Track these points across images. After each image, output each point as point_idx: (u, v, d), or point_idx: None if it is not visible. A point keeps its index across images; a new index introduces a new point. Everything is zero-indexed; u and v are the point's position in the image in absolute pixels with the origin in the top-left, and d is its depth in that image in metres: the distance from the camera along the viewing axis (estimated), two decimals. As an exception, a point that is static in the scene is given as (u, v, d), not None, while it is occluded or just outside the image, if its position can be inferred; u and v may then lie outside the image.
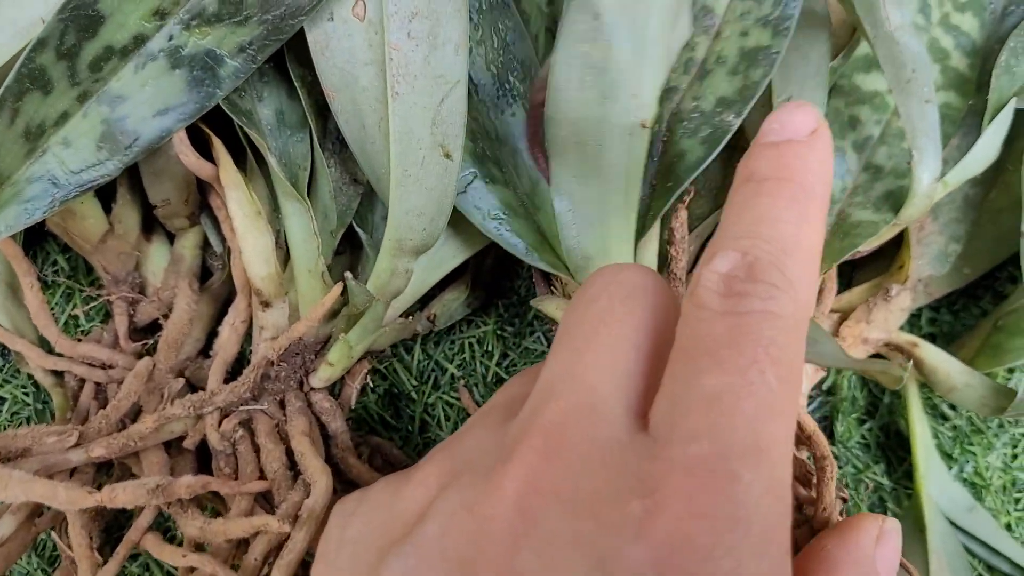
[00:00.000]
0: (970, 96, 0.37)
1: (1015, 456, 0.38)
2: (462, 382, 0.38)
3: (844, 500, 0.28)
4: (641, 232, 0.32)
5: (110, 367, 0.33)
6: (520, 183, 0.33)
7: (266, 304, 0.32)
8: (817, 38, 0.33)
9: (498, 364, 0.38)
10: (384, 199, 0.30)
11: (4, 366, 0.38)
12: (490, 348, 0.38)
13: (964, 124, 0.37)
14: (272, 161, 0.31)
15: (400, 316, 0.34)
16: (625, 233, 0.31)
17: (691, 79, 0.32)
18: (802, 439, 0.29)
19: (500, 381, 0.38)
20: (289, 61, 0.31)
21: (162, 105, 0.29)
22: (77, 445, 0.29)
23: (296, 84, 0.31)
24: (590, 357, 0.20)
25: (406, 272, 0.31)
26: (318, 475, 0.29)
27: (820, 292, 0.34)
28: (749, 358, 0.18)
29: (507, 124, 0.33)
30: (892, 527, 0.24)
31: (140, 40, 0.29)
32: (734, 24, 0.31)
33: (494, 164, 0.33)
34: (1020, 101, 0.34)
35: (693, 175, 0.30)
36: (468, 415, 0.37)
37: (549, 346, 0.38)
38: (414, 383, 0.38)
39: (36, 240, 0.39)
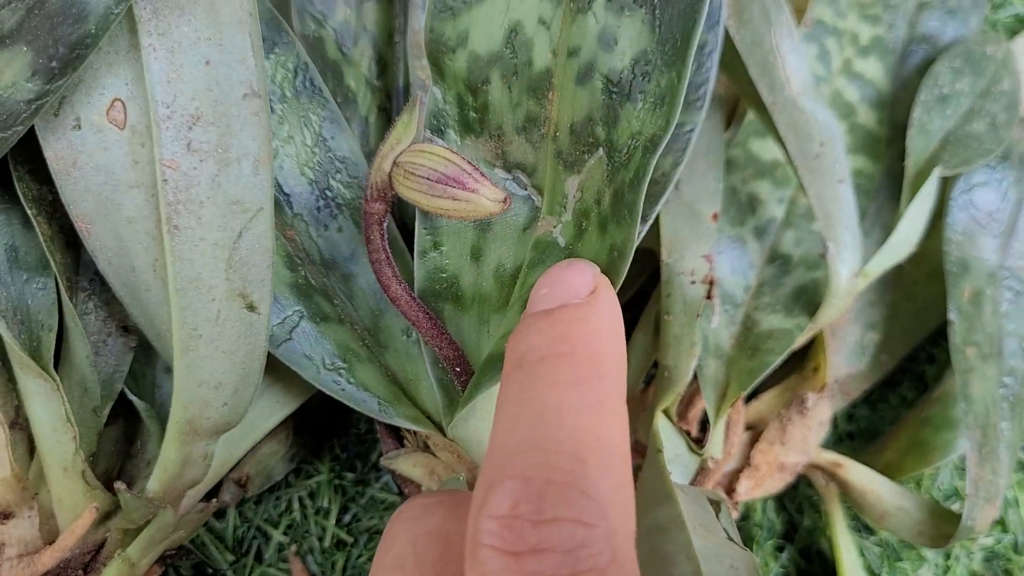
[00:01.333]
0: (882, 157, 0.32)
1: (948, 568, 0.33)
2: (292, 549, 0.29)
3: None
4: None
5: None
6: (358, 316, 0.25)
7: (6, 515, 0.23)
8: (714, 117, 0.26)
9: (338, 522, 0.30)
10: (168, 361, 0.22)
11: None
12: (326, 503, 0.30)
13: (879, 192, 0.32)
14: (0, 325, 0.21)
15: (201, 501, 0.26)
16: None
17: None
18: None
19: (341, 544, 0.30)
20: (18, 180, 0.22)
21: None
22: None
23: (29, 212, 0.22)
24: None
25: (204, 458, 0.23)
26: None
27: (727, 432, 0.27)
28: None
29: (334, 243, 0.25)
30: None
31: None
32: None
33: (322, 297, 0.24)
34: (943, 169, 0.29)
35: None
36: (303, 590, 0.29)
37: (400, 494, 0.30)
38: (231, 558, 0.29)
39: None
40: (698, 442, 0.27)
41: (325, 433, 0.30)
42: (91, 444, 0.23)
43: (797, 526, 0.32)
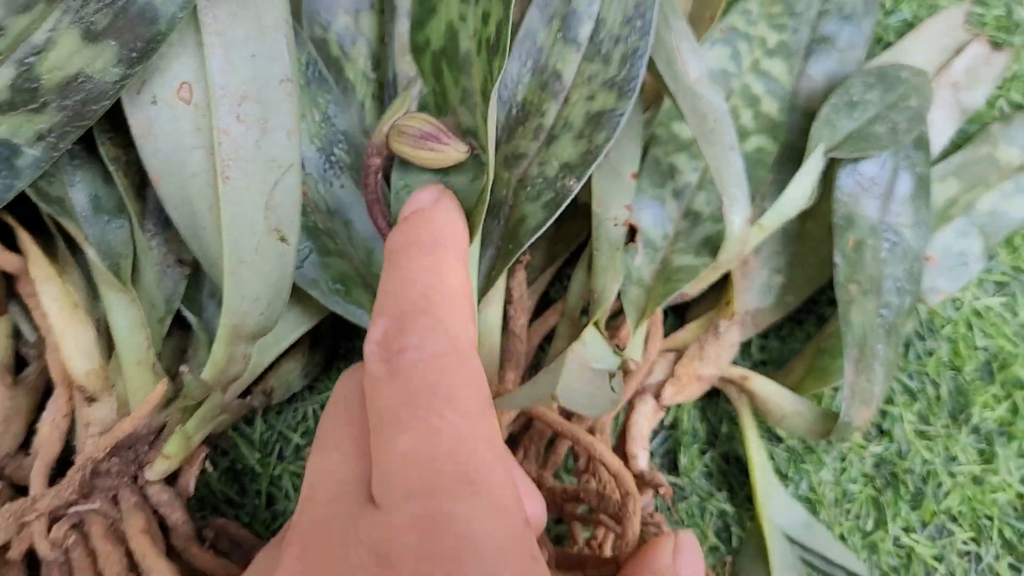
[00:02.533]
0: (781, 139, 0.39)
1: (844, 470, 0.40)
2: (308, 451, 0.36)
3: (657, 527, 0.29)
4: (484, 291, 0.32)
5: None
6: (355, 252, 0.32)
7: (91, 399, 0.30)
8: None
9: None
10: (218, 283, 0.29)
11: None
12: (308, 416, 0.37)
13: (778, 166, 0.39)
14: (90, 251, 0.29)
15: (239, 397, 0.33)
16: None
17: (539, 145, 0.32)
18: (610, 475, 0.29)
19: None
20: (101, 144, 0.29)
21: None
22: None
23: (111, 168, 0.29)
24: (334, 455, 0.22)
25: (244, 357, 0.30)
26: (158, 569, 0.27)
27: (646, 336, 0.35)
28: (425, 408, 0.20)
29: (337, 196, 0.32)
30: (686, 539, 0.26)
31: None
32: (582, 88, 0.32)
33: (328, 236, 0.32)
34: (829, 150, 0.37)
35: (532, 238, 0.30)
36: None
37: (396, 406, 0.37)
38: (257, 456, 0.36)
39: None
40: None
41: (333, 355, 0.37)
42: (157, 347, 0.30)
43: (718, 434, 0.40)
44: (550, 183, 0.30)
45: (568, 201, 0.29)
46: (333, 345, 0.37)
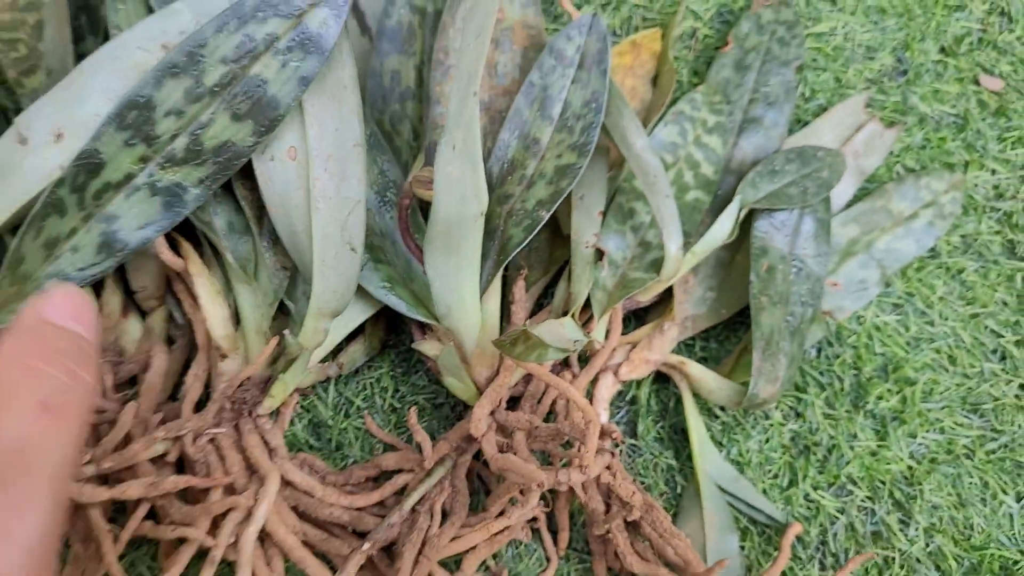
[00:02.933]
0: (713, 192, 0.53)
1: (767, 440, 0.53)
2: (366, 412, 0.51)
3: (612, 453, 0.42)
4: (484, 291, 0.46)
5: (102, 411, 0.44)
6: (397, 263, 0.47)
7: (224, 356, 0.44)
8: (599, 158, 0.48)
9: (392, 396, 0.51)
10: (308, 280, 0.44)
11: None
12: (386, 385, 0.51)
13: (712, 212, 0.53)
14: (228, 257, 0.44)
15: (320, 362, 0.47)
16: (473, 291, 0.45)
17: (522, 189, 0.47)
18: (579, 408, 0.42)
19: (394, 409, 0.51)
20: (236, 187, 0.45)
21: (144, 221, 0.42)
22: (89, 463, 0.40)
23: (242, 203, 0.44)
24: None
25: (324, 330, 0.44)
26: (270, 471, 0.41)
27: (608, 328, 0.48)
28: None
29: (387, 224, 0.47)
30: (53, 287, 0.30)
31: (129, 177, 0.41)
32: (553, 149, 0.47)
33: (380, 250, 0.46)
34: (743, 202, 0.50)
35: (516, 251, 0.44)
36: (371, 436, 0.50)
37: (431, 381, 0.52)
38: (330, 414, 0.50)
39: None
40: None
41: (385, 343, 0.51)
42: (268, 323, 0.45)
43: (667, 410, 0.53)
44: (529, 214, 0.44)
45: (540, 226, 0.44)
46: (385, 335, 0.51)
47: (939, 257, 0.57)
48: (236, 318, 0.45)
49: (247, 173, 0.44)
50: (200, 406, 0.44)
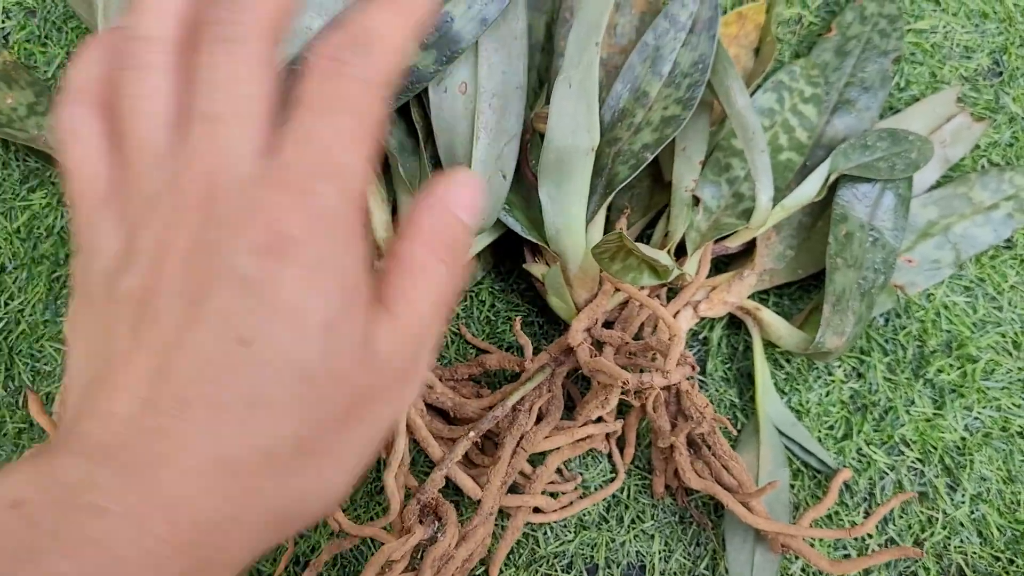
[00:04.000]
0: (805, 156, 0.57)
1: (827, 395, 0.57)
2: (461, 320, 0.56)
3: (691, 366, 0.47)
4: (590, 219, 0.51)
5: None
6: (519, 190, 0.52)
7: (380, 256, 0.51)
8: (702, 112, 0.53)
9: (488, 310, 0.57)
10: None
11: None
12: (484, 299, 0.57)
13: (799, 177, 0.57)
14: (400, 170, 0.50)
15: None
16: (580, 218, 0.50)
17: (630, 134, 0.52)
18: (665, 325, 0.47)
19: (488, 321, 0.57)
20: (413, 110, 0.50)
21: None
22: None
23: (416, 127, 0.50)
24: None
25: (470, 245, 0.50)
26: None
27: (699, 265, 0.53)
28: (336, 108, 0.22)
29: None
30: (464, 176, 0.26)
31: None
32: (661, 103, 0.52)
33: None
34: (833, 167, 0.54)
35: (621, 186, 0.49)
36: (464, 341, 0.56)
37: (524, 301, 0.57)
38: (458, 312, 0.56)
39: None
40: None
41: (494, 265, 0.57)
42: None
43: (736, 354, 0.57)
44: (634, 154, 0.49)
45: (644, 165, 0.49)
46: (493, 258, 0.57)
47: (1014, 248, 0.60)
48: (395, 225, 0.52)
49: (421, 103, 0.50)
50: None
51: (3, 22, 0.59)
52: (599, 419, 0.51)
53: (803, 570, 0.53)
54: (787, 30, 0.64)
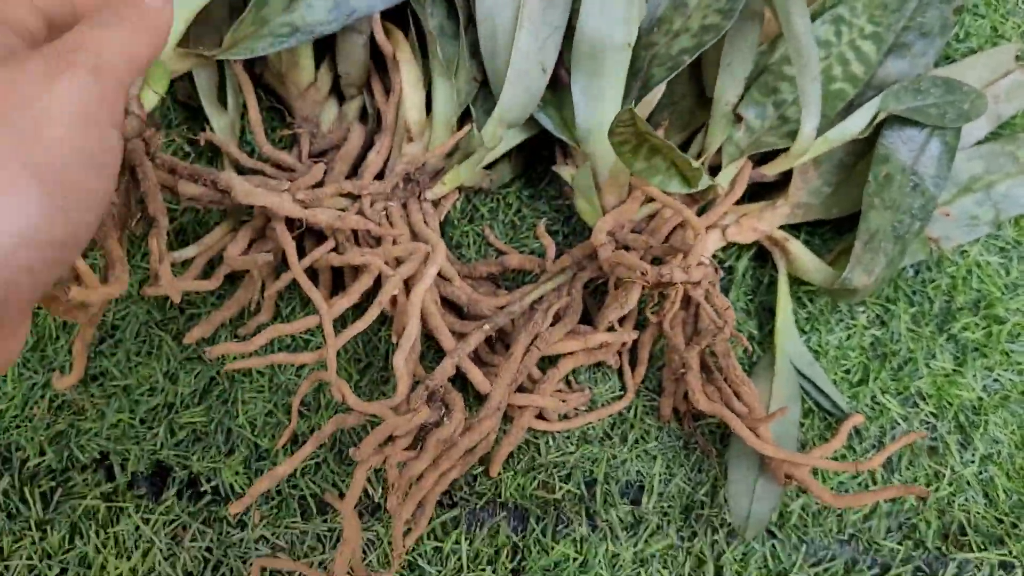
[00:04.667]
0: (858, 88, 0.55)
1: (848, 338, 0.56)
2: (486, 222, 0.55)
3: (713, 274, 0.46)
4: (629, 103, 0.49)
5: (292, 170, 0.50)
6: (555, 86, 0.51)
7: (411, 139, 0.49)
8: (751, 26, 0.52)
9: (514, 213, 0.56)
10: (496, 93, 0.48)
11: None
12: (511, 202, 0.56)
13: (846, 112, 0.55)
14: (439, 52, 0.48)
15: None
16: (613, 117, 0.49)
17: (668, 39, 0.50)
18: (690, 227, 0.46)
19: (513, 225, 0.55)
20: None
21: None
22: (287, 190, 0.46)
23: (458, 11, 0.49)
24: None
25: (501, 137, 0.49)
26: (438, 242, 0.46)
27: (735, 181, 0.51)
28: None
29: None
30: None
31: None
32: (700, 11, 0.50)
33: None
34: (883, 106, 0.53)
35: (657, 85, 0.48)
36: (488, 243, 0.55)
37: (551, 208, 0.56)
38: (457, 216, 0.55)
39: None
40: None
41: (520, 171, 0.56)
42: (455, 120, 0.50)
43: (759, 288, 0.56)
44: (672, 58, 0.48)
45: (680, 69, 0.47)
46: (526, 165, 0.56)
47: (1058, 215, 0.59)
48: (428, 109, 0.50)
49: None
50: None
51: None
52: (613, 328, 0.50)
53: (803, 509, 0.52)
54: (849, -32, 0.62)
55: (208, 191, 0.43)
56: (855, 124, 0.53)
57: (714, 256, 0.54)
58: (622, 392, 0.53)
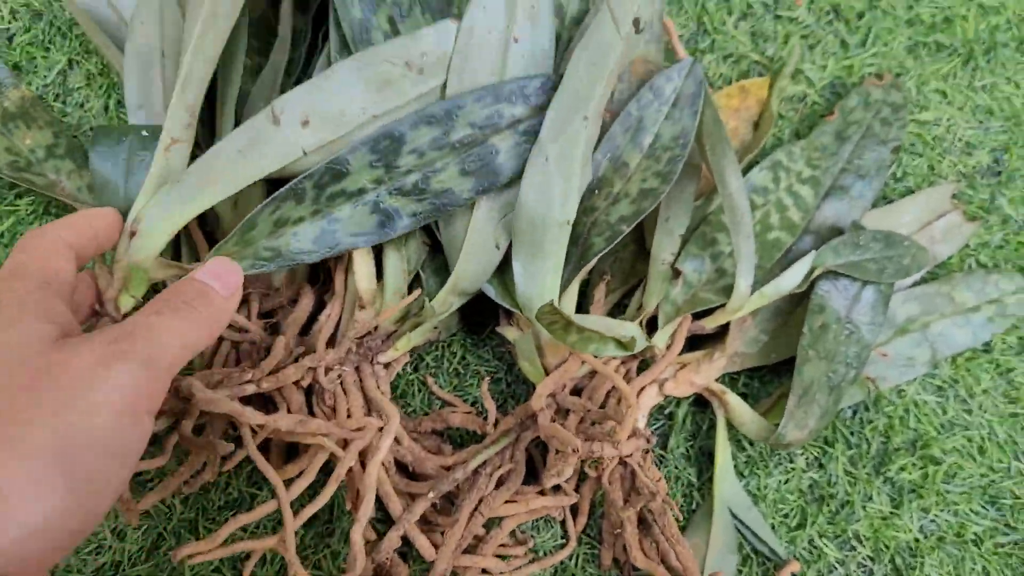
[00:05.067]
0: (795, 235, 0.57)
1: (786, 482, 0.57)
2: (430, 371, 0.57)
3: (647, 440, 0.48)
4: (564, 288, 0.51)
5: (245, 330, 0.51)
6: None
7: (362, 306, 0.51)
8: (688, 183, 0.53)
9: (459, 362, 0.57)
10: (451, 263, 0.50)
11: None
12: (455, 351, 0.57)
13: (784, 261, 0.57)
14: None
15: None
16: (553, 289, 0.50)
17: (607, 204, 0.52)
18: (623, 394, 0.48)
19: (458, 373, 0.57)
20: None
21: (358, 231, 0.47)
22: (249, 382, 0.47)
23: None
24: None
25: (451, 304, 0.51)
26: (392, 411, 0.47)
27: (672, 339, 0.53)
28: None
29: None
30: (218, 261, 0.42)
31: (362, 192, 0.47)
32: (640, 174, 0.52)
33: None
34: (820, 262, 0.54)
35: (596, 258, 0.49)
36: (430, 392, 0.56)
37: (495, 357, 0.57)
38: (407, 369, 0.57)
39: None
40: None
41: (465, 323, 0.57)
42: (404, 287, 0.51)
43: (700, 432, 0.57)
44: (611, 226, 0.49)
45: (621, 237, 0.49)
46: (471, 315, 0.57)
47: (991, 352, 0.60)
48: (379, 277, 0.51)
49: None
50: (328, 346, 0.51)
51: (9, 23, 0.60)
52: (558, 488, 0.51)
53: (741, 656, 0.53)
54: (790, 107, 0.64)
55: (169, 398, 0.44)
56: (791, 280, 0.54)
57: (656, 404, 0.55)
58: (564, 540, 0.54)
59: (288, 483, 0.46)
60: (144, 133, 0.49)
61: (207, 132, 0.53)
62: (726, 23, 0.64)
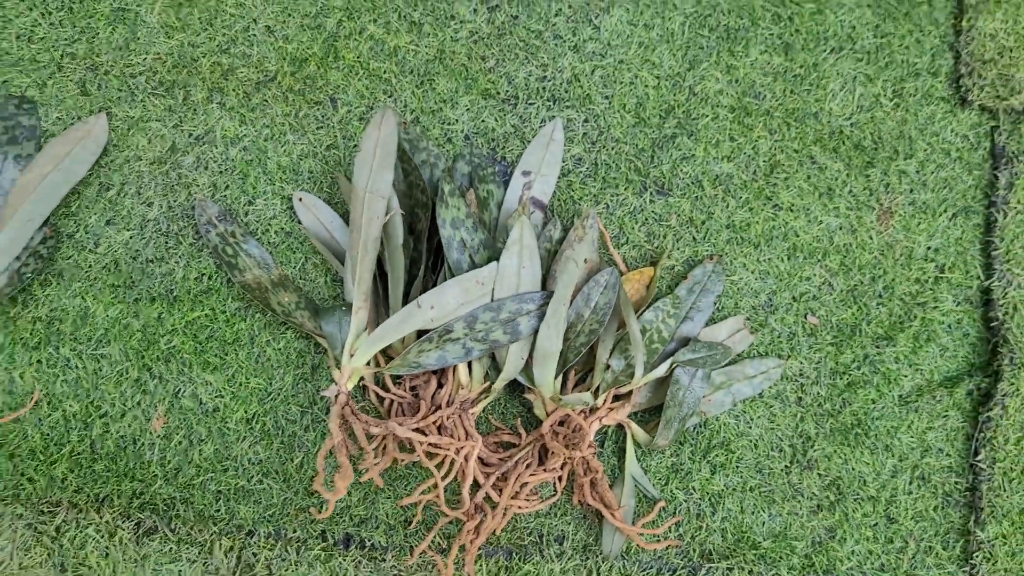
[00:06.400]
0: (666, 345, 1.18)
1: (659, 463, 1.18)
2: (492, 415, 1.17)
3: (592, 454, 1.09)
4: (556, 376, 1.11)
5: (403, 397, 1.11)
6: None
7: (461, 388, 1.10)
8: (612, 324, 1.14)
9: (503, 409, 1.17)
10: (501, 366, 1.10)
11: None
12: (503, 404, 1.17)
13: (661, 356, 1.18)
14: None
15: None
16: (551, 379, 1.10)
17: (574, 337, 1.12)
18: (580, 424, 1.08)
19: (503, 415, 1.17)
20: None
21: (456, 356, 1.08)
22: (414, 422, 1.07)
23: None
24: None
25: (501, 385, 1.11)
26: (475, 435, 1.08)
27: (605, 399, 1.14)
28: None
29: (522, 341, 1.13)
30: None
31: (457, 339, 1.07)
32: (589, 322, 1.12)
33: (517, 351, 1.13)
34: (678, 359, 1.16)
35: (572, 363, 1.10)
36: (492, 424, 1.16)
37: (521, 405, 1.18)
38: (481, 414, 1.17)
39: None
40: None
41: (507, 394, 1.18)
42: (482, 379, 1.11)
43: (619, 441, 1.19)
44: (576, 349, 1.10)
45: (585, 350, 1.09)
46: (508, 390, 1.17)
47: (763, 398, 1.22)
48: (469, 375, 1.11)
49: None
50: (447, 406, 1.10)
51: (276, 243, 1.18)
52: (553, 469, 1.12)
53: (634, 546, 1.15)
54: (667, 273, 1.25)
55: (380, 429, 1.03)
56: (662, 369, 1.15)
57: (598, 429, 1.15)
58: (554, 492, 1.15)
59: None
60: (343, 308, 1.08)
61: (384, 299, 1.12)
62: (634, 229, 1.25)
